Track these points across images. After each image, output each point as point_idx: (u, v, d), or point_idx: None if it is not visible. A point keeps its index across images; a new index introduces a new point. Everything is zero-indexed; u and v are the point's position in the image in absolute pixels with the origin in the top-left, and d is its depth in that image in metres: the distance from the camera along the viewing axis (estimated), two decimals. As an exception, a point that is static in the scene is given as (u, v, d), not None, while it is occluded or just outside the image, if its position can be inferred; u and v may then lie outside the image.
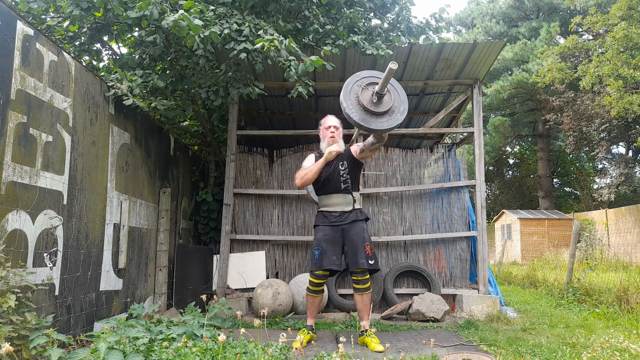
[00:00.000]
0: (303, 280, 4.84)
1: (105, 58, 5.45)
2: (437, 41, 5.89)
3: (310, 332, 3.58)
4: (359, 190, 3.89)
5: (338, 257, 3.65)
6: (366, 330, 3.53)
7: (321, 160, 3.71)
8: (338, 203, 3.72)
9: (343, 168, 3.73)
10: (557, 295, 6.45)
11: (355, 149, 3.80)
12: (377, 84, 3.37)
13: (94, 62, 5.32)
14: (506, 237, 17.34)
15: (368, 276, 3.64)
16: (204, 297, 3.20)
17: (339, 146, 3.70)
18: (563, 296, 6.20)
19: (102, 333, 2.58)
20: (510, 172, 27.61)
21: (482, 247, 5.20)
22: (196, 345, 2.68)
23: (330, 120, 3.87)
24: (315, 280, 3.63)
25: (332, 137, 3.78)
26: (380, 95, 3.28)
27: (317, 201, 4.12)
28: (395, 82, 3.51)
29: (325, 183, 3.74)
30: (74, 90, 3.30)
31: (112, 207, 3.84)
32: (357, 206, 3.78)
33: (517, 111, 21.08)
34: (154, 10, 3.62)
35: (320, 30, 5.00)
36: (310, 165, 3.77)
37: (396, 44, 5.62)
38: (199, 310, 3.72)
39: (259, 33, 4.04)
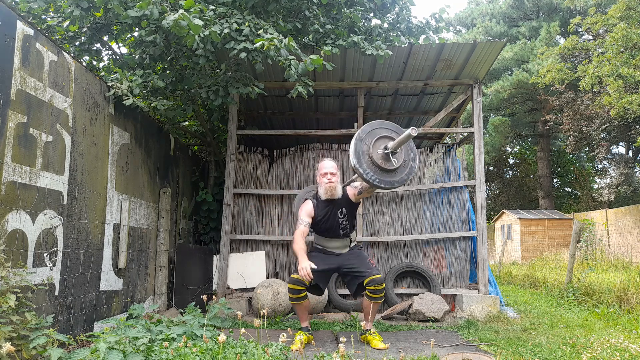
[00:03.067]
0: (303, 280, 4.84)
1: (105, 58, 5.45)
2: (437, 41, 5.89)
3: (306, 333, 3.58)
4: (354, 230, 3.90)
5: (322, 278, 3.63)
6: (368, 330, 3.54)
7: (297, 254, 3.51)
8: (336, 247, 3.79)
9: (342, 216, 3.73)
10: (557, 295, 6.45)
11: (352, 191, 3.77)
12: (385, 137, 3.42)
13: (94, 62, 5.32)
14: (506, 237, 17.34)
15: (384, 285, 3.56)
16: (204, 297, 3.20)
17: (309, 275, 3.32)
18: (563, 296, 6.20)
19: (102, 333, 2.59)
20: (510, 172, 27.61)
21: (482, 247, 5.20)
22: (196, 345, 2.68)
23: (326, 167, 3.74)
24: (293, 286, 3.49)
25: (330, 183, 3.66)
26: (394, 153, 3.38)
27: None
28: (398, 127, 3.54)
29: (324, 230, 3.75)
30: (74, 90, 3.30)
31: (112, 207, 3.84)
32: (353, 244, 3.87)
33: (517, 111, 21.07)
34: (154, 10, 3.62)
35: (320, 30, 5.00)
36: (301, 235, 3.60)
37: (396, 44, 5.62)
38: (199, 310, 3.72)
39: (258, 32, 4.03)
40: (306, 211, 3.73)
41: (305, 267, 3.30)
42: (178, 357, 2.55)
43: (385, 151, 3.36)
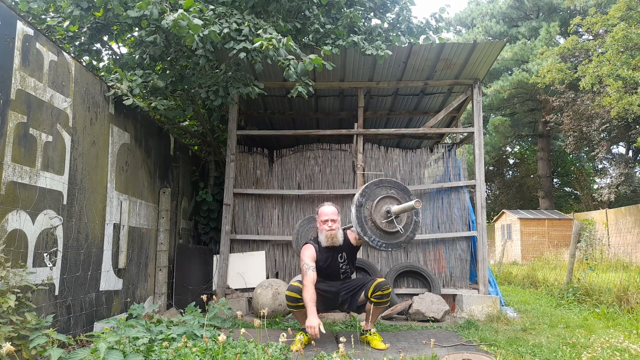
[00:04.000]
0: (303, 280, 4.84)
1: (105, 58, 5.46)
2: (437, 41, 5.88)
3: (307, 333, 3.57)
4: (355, 270, 3.88)
5: (320, 304, 3.53)
6: (368, 330, 3.54)
7: (307, 307, 3.31)
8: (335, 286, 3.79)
9: (342, 260, 3.70)
10: (557, 295, 6.45)
11: (354, 235, 3.71)
12: (386, 197, 3.42)
13: (94, 62, 5.32)
14: (506, 237, 17.33)
15: (390, 290, 3.51)
16: (204, 297, 3.21)
17: (317, 333, 3.14)
18: (563, 296, 6.19)
19: (102, 333, 2.59)
20: (510, 172, 27.61)
21: (482, 247, 5.19)
22: (196, 345, 2.68)
23: (327, 214, 3.63)
24: (292, 295, 3.47)
25: (331, 230, 3.58)
26: (396, 217, 3.40)
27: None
28: (396, 183, 3.56)
29: (325, 273, 3.69)
30: (73, 90, 3.30)
31: (112, 207, 3.84)
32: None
33: (517, 111, 21.07)
34: (153, 10, 3.62)
35: (321, 30, 5.00)
36: (311, 283, 3.40)
37: (396, 44, 5.62)
38: (199, 310, 3.72)
39: (258, 32, 4.03)
40: (310, 256, 3.59)
41: (314, 326, 3.11)
42: (178, 357, 2.55)
43: (389, 217, 3.36)
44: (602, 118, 15.63)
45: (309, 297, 3.33)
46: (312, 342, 3.56)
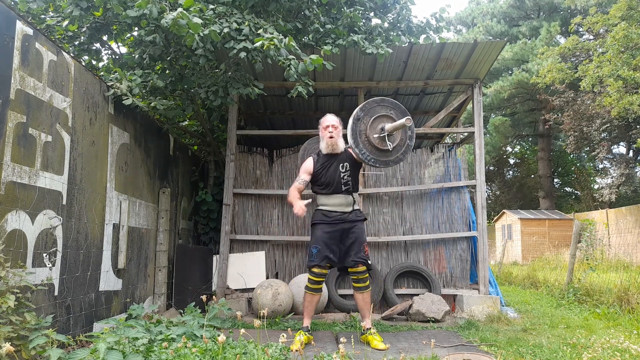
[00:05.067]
0: (303, 280, 4.83)
1: (104, 58, 5.44)
2: (437, 41, 5.88)
3: (307, 333, 3.57)
4: (357, 190, 3.92)
5: (335, 254, 3.69)
6: (368, 329, 3.54)
7: (292, 202, 3.68)
8: (339, 203, 3.74)
9: (344, 170, 3.74)
10: (557, 295, 6.44)
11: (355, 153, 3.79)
12: (384, 116, 3.49)
13: (94, 62, 5.32)
14: (507, 237, 17.32)
15: (367, 275, 3.71)
16: (203, 297, 3.20)
17: (302, 210, 3.54)
18: (564, 296, 6.19)
19: (102, 333, 2.58)
20: (510, 172, 27.60)
21: (483, 247, 5.19)
22: (196, 346, 2.68)
23: (329, 120, 3.82)
24: (315, 278, 3.65)
25: (331, 137, 3.74)
26: (390, 135, 3.50)
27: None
28: (397, 105, 3.60)
29: (326, 184, 3.75)
30: (73, 90, 3.29)
31: (112, 207, 3.83)
32: (356, 207, 3.83)
33: (518, 111, 21.06)
34: (153, 9, 3.61)
35: (321, 29, 4.99)
36: (295, 189, 3.76)
37: (396, 43, 5.61)
38: (199, 310, 3.72)
39: (258, 32, 4.03)
40: (305, 169, 3.81)
41: (300, 205, 3.50)
42: (177, 358, 2.55)
43: (382, 133, 3.43)
44: (603, 118, 15.62)
45: (293, 196, 3.69)
46: (312, 342, 3.55)
